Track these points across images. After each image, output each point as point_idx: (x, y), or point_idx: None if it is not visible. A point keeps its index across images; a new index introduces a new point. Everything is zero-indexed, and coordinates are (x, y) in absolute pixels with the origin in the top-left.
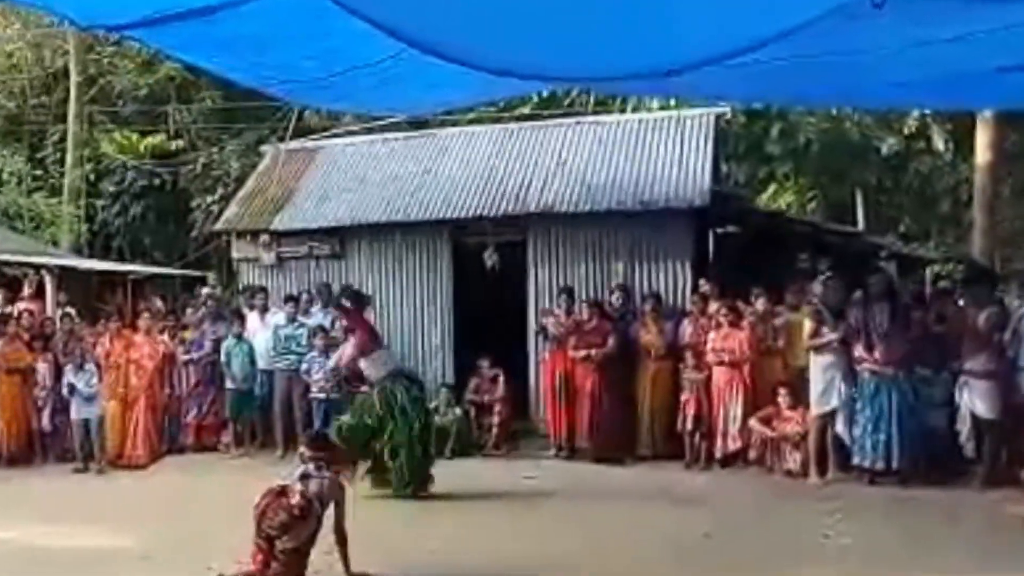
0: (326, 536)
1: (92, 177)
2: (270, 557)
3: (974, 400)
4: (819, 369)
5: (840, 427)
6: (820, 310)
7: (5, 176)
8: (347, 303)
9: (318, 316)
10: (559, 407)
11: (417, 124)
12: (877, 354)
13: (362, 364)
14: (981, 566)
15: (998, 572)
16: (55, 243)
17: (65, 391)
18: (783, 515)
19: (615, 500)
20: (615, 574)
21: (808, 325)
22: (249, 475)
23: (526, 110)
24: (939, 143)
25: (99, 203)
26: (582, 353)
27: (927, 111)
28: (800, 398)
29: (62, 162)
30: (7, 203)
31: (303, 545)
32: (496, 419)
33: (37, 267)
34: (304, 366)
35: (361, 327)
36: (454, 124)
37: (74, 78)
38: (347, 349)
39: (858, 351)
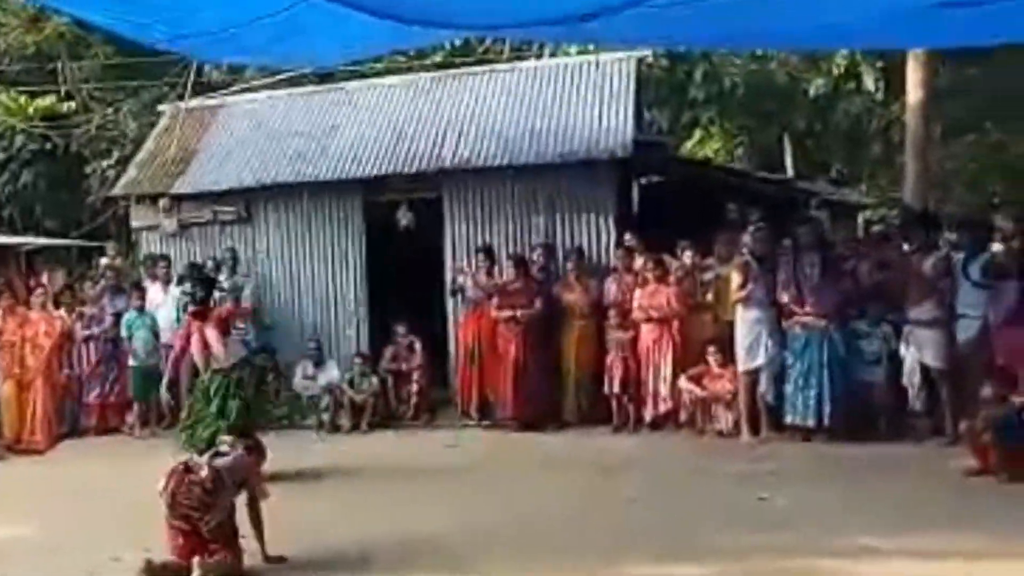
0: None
1: None
2: (193, 541)
3: (923, 350)
4: (746, 324)
5: (763, 386)
6: (748, 262)
7: None
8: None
9: (224, 285)
10: (474, 373)
11: (323, 77)
12: (807, 307)
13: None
14: (920, 524)
15: (937, 529)
16: None
17: None
18: (716, 477)
19: (539, 469)
20: (536, 543)
21: (736, 278)
22: (157, 457)
23: (438, 59)
24: (869, 83)
25: None
26: (506, 314)
27: (856, 50)
28: (731, 355)
29: None
30: None
31: (228, 519)
32: (414, 388)
33: None
34: None
35: (215, 313)
36: (362, 76)
37: None
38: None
39: (786, 302)
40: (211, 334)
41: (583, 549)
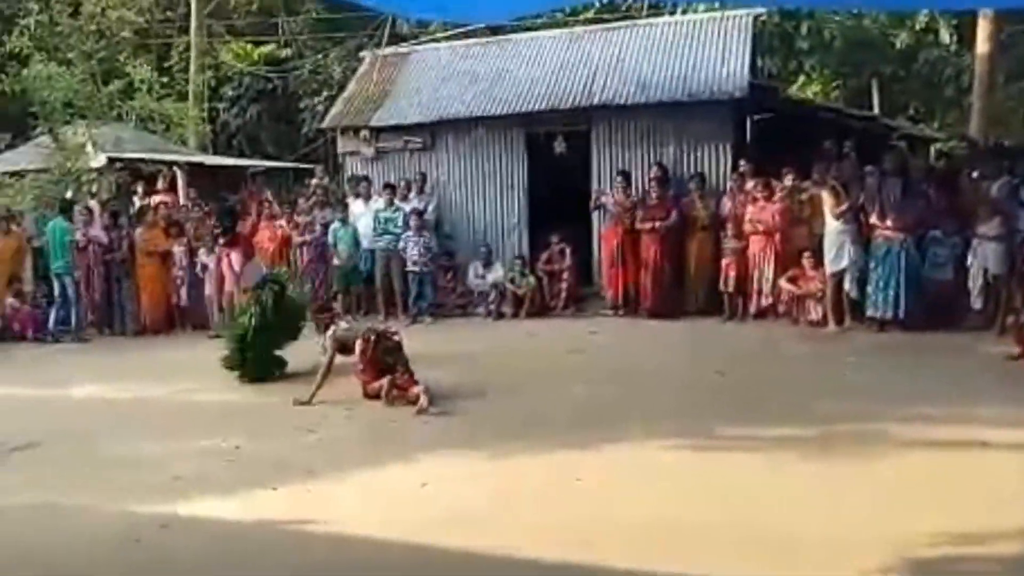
0: None
1: (213, 83)
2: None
3: (987, 259)
4: (832, 234)
5: (847, 284)
6: (835, 186)
7: (137, 83)
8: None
9: (413, 201)
10: (617, 273)
11: (494, 30)
12: (889, 221)
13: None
14: (969, 397)
15: (983, 402)
16: (184, 143)
17: (199, 270)
18: (807, 358)
19: (663, 349)
20: (651, 408)
21: (828, 199)
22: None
23: (590, 14)
24: (945, 36)
25: (220, 106)
26: (648, 225)
27: (936, 10)
28: (822, 261)
29: (186, 70)
30: (140, 107)
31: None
32: (564, 285)
33: (169, 163)
34: (401, 244)
35: (237, 243)
36: (526, 30)
37: None
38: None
39: (872, 219)
40: (235, 259)
41: (685, 412)
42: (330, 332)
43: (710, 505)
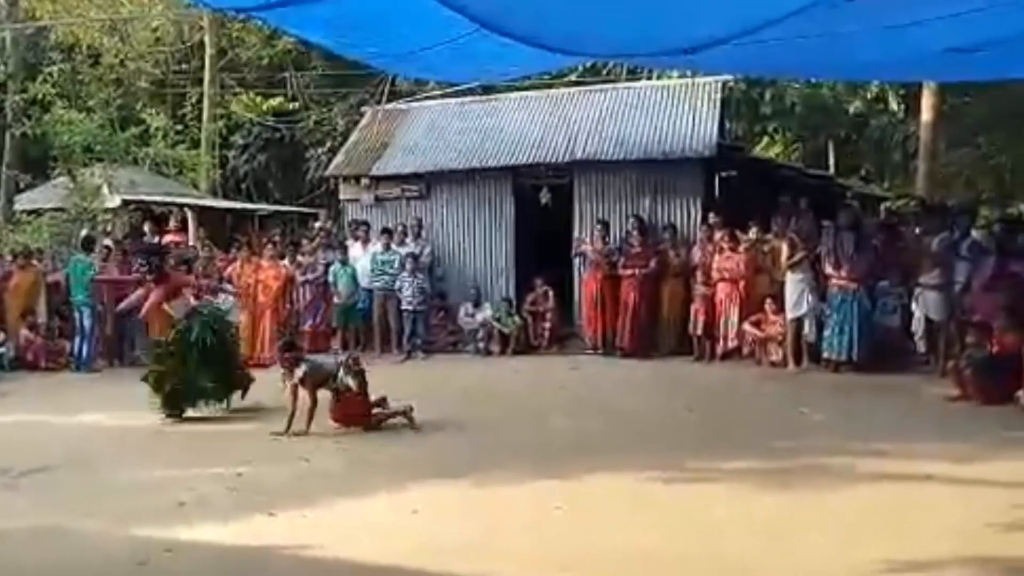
0: None
1: (224, 131)
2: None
3: (928, 307)
4: (792, 283)
5: (806, 329)
6: (793, 238)
7: (152, 130)
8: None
9: (410, 246)
10: (596, 315)
11: (485, 89)
12: (843, 272)
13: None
14: (916, 434)
15: (928, 438)
16: (195, 186)
17: None
18: (768, 396)
19: (635, 386)
20: (624, 441)
21: (785, 250)
22: None
23: (573, 77)
24: (894, 105)
25: (230, 153)
26: (629, 271)
27: (885, 81)
28: (782, 306)
29: (199, 119)
30: (154, 153)
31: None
32: (547, 325)
33: (181, 205)
34: (397, 285)
35: (170, 278)
36: (515, 90)
37: (209, 50)
38: (153, 295)
39: (828, 269)
40: (153, 296)
41: (657, 445)
42: (299, 373)
43: (684, 535)
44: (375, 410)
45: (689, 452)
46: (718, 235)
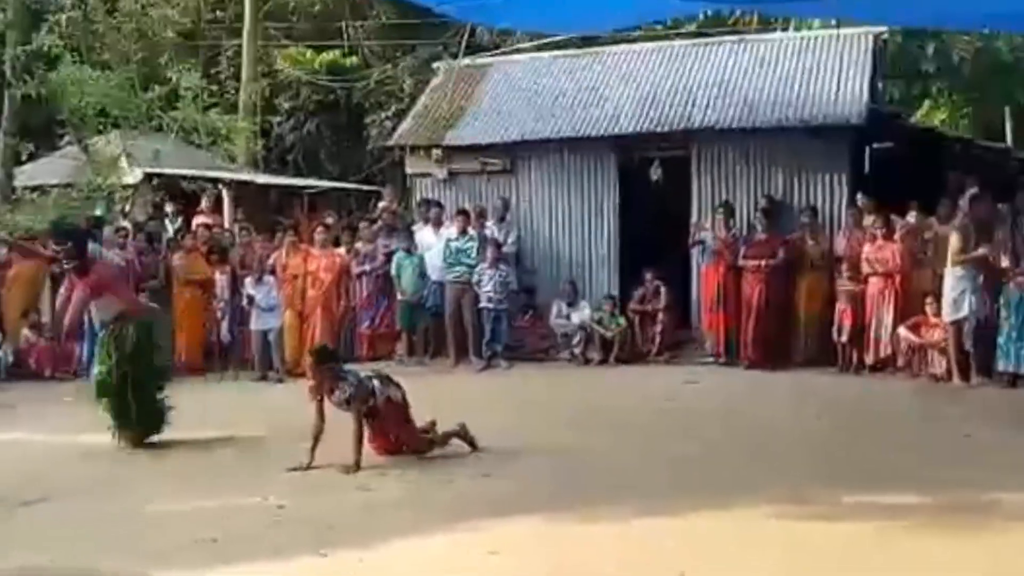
0: None
1: (267, 93)
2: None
3: None
4: (952, 280)
5: (965, 338)
6: (967, 225)
7: (181, 91)
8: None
9: (491, 230)
10: (718, 317)
11: (586, 41)
12: (1023, 266)
13: (92, 307)
14: None
15: None
16: (231, 158)
17: (244, 302)
18: (927, 417)
19: (764, 404)
20: (744, 466)
21: (955, 241)
22: (423, 382)
23: (692, 28)
24: None
25: (274, 119)
26: (752, 263)
27: None
28: None
29: (237, 77)
30: (183, 118)
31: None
32: (659, 328)
33: (214, 181)
34: (475, 278)
35: (93, 269)
36: (621, 42)
37: None
38: (77, 293)
39: (1004, 263)
40: (77, 293)
41: (791, 476)
42: (345, 393)
43: None
44: (425, 435)
45: (829, 484)
46: (868, 220)
